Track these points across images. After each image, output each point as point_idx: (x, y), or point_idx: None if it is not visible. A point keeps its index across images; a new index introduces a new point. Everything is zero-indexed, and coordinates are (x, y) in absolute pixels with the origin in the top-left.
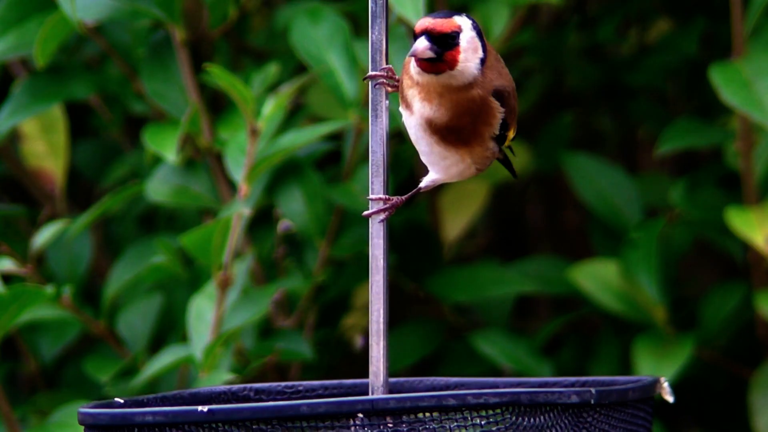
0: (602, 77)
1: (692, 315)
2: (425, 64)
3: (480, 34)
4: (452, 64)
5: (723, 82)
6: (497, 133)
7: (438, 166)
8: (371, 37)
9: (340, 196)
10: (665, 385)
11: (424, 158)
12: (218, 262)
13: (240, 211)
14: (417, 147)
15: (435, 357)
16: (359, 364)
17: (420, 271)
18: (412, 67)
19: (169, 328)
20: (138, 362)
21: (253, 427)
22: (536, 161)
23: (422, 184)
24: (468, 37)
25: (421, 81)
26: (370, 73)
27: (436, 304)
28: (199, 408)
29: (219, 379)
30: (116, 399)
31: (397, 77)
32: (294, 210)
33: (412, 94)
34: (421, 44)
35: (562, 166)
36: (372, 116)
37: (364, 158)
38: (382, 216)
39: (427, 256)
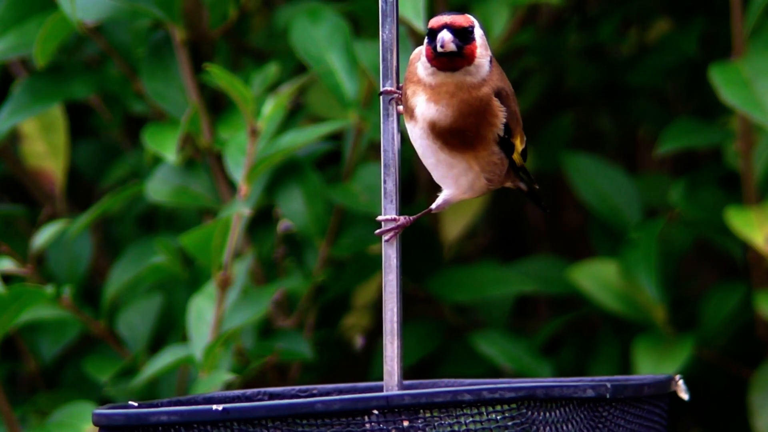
0: (602, 77)
1: (692, 315)
2: (443, 61)
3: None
4: (471, 58)
5: (723, 82)
6: (500, 135)
7: (448, 178)
8: (382, 36)
9: (340, 196)
10: (680, 382)
11: (434, 173)
12: (218, 262)
13: (240, 211)
14: (425, 161)
15: (435, 357)
16: (359, 364)
17: (420, 271)
18: (422, 69)
19: (169, 328)
20: (138, 362)
21: (268, 425)
22: (536, 161)
23: (433, 206)
24: (480, 33)
25: (434, 82)
26: (386, 89)
27: (436, 304)
28: (214, 407)
29: (219, 379)
30: (130, 402)
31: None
32: (294, 210)
33: (417, 99)
34: (447, 36)
35: (562, 166)
36: (383, 115)
37: (364, 158)
38: (390, 235)
39: (427, 256)
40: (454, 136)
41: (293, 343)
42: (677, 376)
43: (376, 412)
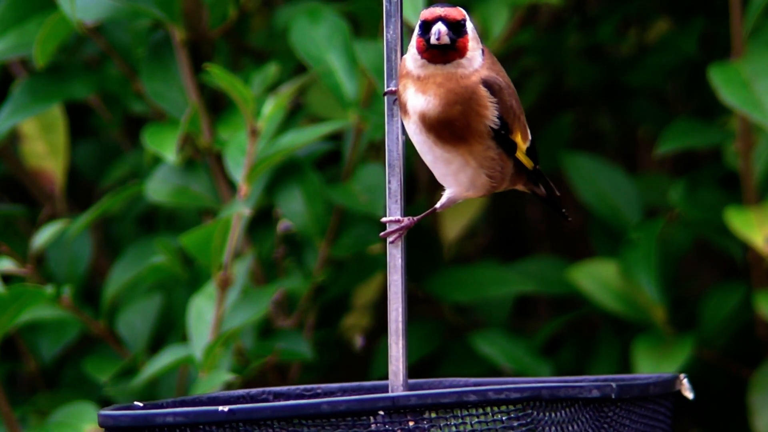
0: (602, 77)
1: (692, 315)
2: (434, 53)
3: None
4: (463, 51)
5: (722, 82)
6: (493, 127)
7: (448, 176)
8: (386, 36)
9: (340, 196)
10: (685, 381)
11: (434, 172)
12: (218, 262)
13: (240, 211)
14: (424, 159)
15: (435, 357)
16: (359, 365)
17: (420, 271)
18: (411, 61)
19: (169, 328)
20: (138, 362)
21: (274, 425)
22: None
23: (438, 204)
24: (471, 27)
25: (423, 74)
26: (390, 89)
27: (436, 304)
28: (220, 408)
29: (219, 379)
30: (135, 403)
31: None
32: (294, 210)
33: (408, 92)
34: (442, 28)
35: (562, 166)
36: (388, 115)
37: (364, 158)
38: (395, 237)
39: (427, 256)
40: (444, 127)
41: (293, 343)
42: (682, 375)
43: (381, 412)
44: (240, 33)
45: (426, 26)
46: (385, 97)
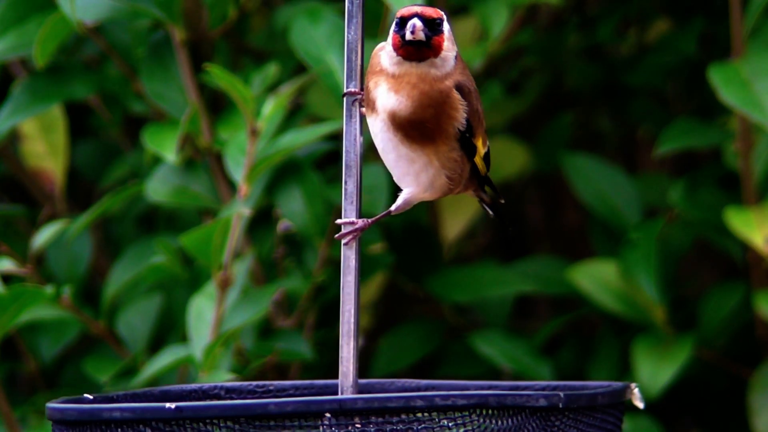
0: (602, 77)
1: (692, 315)
2: (410, 50)
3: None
4: (437, 50)
5: (722, 82)
6: (461, 129)
7: (408, 175)
8: (347, 36)
9: (339, 196)
10: (636, 390)
11: (394, 172)
12: (218, 262)
13: (240, 211)
14: (385, 158)
15: (434, 357)
16: (359, 364)
17: (420, 271)
18: (387, 58)
19: (169, 328)
20: (138, 362)
21: (221, 425)
22: (536, 161)
23: (393, 207)
24: (447, 27)
25: (397, 72)
26: (349, 89)
27: (435, 304)
28: (167, 405)
29: (219, 379)
30: (85, 395)
31: None
32: (294, 210)
33: (379, 90)
34: (418, 23)
35: (562, 167)
36: (346, 117)
37: (364, 158)
38: (349, 238)
39: (427, 256)
40: (413, 127)
41: (293, 343)
42: (633, 384)
43: (328, 414)
44: (240, 33)
45: (402, 22)
46: (344, 99)
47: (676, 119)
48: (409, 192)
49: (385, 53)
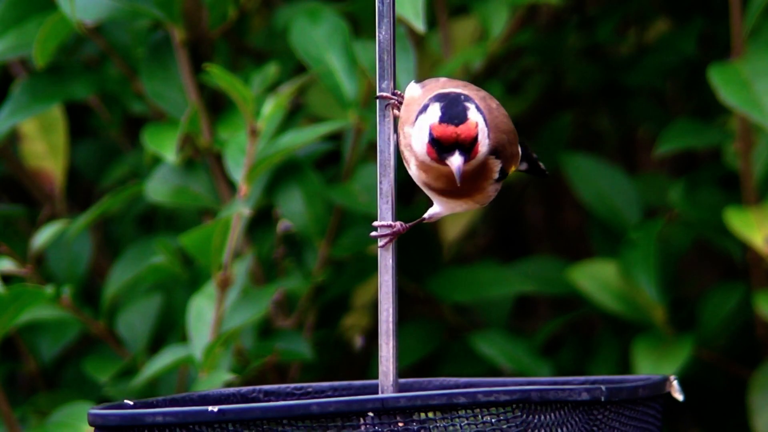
0: (601, 77)
1: (691, 315)
2: (444, 163)
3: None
4: (472, 158)
5: (722, 82)
6: (496, 178)
7: (441, 206)
8: (378, 36)
9: (339, 196)
10: (675, 383)
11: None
12: (218, 262)
13: (240, 211)
14: (419, 184)
15: (435, 357)
16: (359, 365)
17: (420, 271)
18: (420, 147)
19: (169, 328)
20: (138, 362)
21: (264, 426)
22: None
23: (426, 215)
24: (482, 126)
25: (430, 165)
26: (382, 93)
27: (435, 305)
28: (210, 408)
29: (219, 379)
30: (126, 401)
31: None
32: (294, 210)
33: (410, 157)
34: (457, 161)
35: (562, 167)
36: (380, 115)
37: (364, 158)
38: (385, 241)
39: (427, 256)
40: (447, 194)
41: (293, 343)
42: (672, 377)
43: (371, 414)
44: (240, 33)
45: (439, 145)
46: (377, 100)
47: (675, 119)
48: (440, 209)
49: (419, 142)
